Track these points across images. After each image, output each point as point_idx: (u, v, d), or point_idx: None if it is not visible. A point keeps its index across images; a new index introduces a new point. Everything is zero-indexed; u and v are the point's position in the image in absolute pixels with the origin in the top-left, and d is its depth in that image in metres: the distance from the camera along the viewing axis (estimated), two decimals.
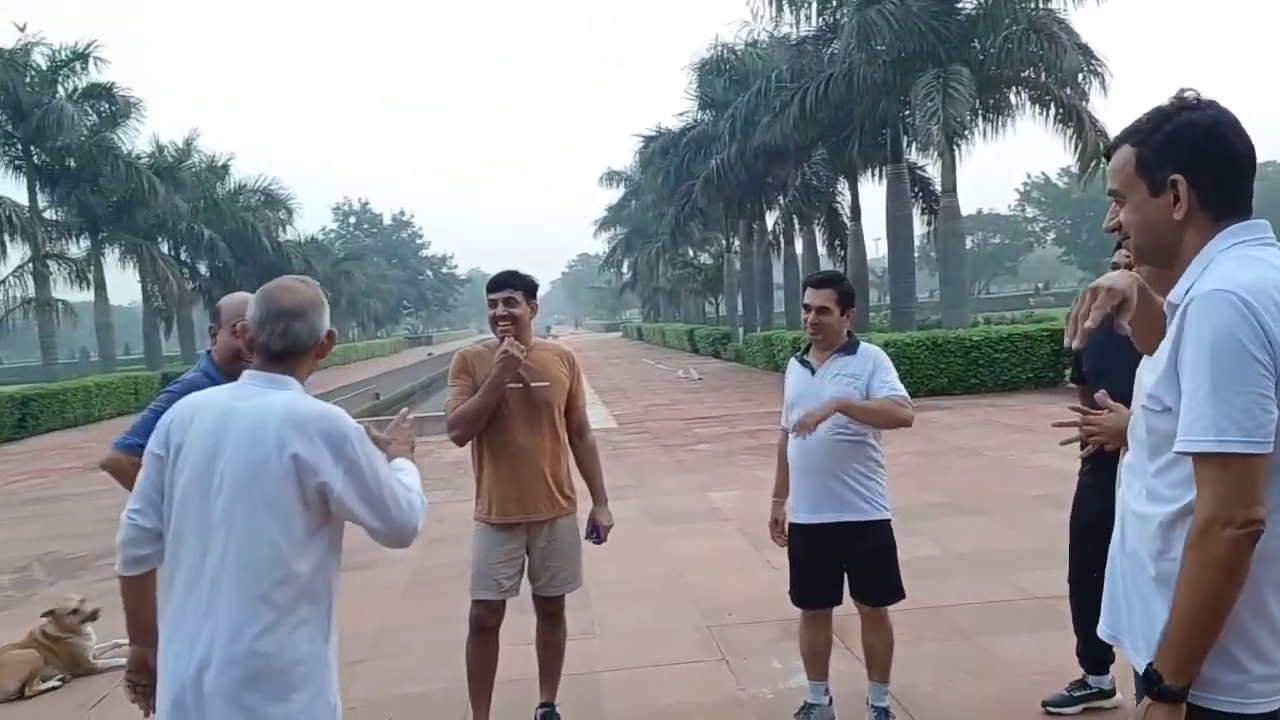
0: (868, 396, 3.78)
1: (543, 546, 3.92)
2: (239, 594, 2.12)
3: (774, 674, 4.66)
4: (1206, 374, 1.64)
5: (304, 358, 2.31)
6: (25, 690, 4.93)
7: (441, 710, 4.49)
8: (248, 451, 2.15)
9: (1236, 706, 1.70)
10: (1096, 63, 18.25)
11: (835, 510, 3.81)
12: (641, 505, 8.98)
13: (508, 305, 3.83)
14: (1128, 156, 1.87)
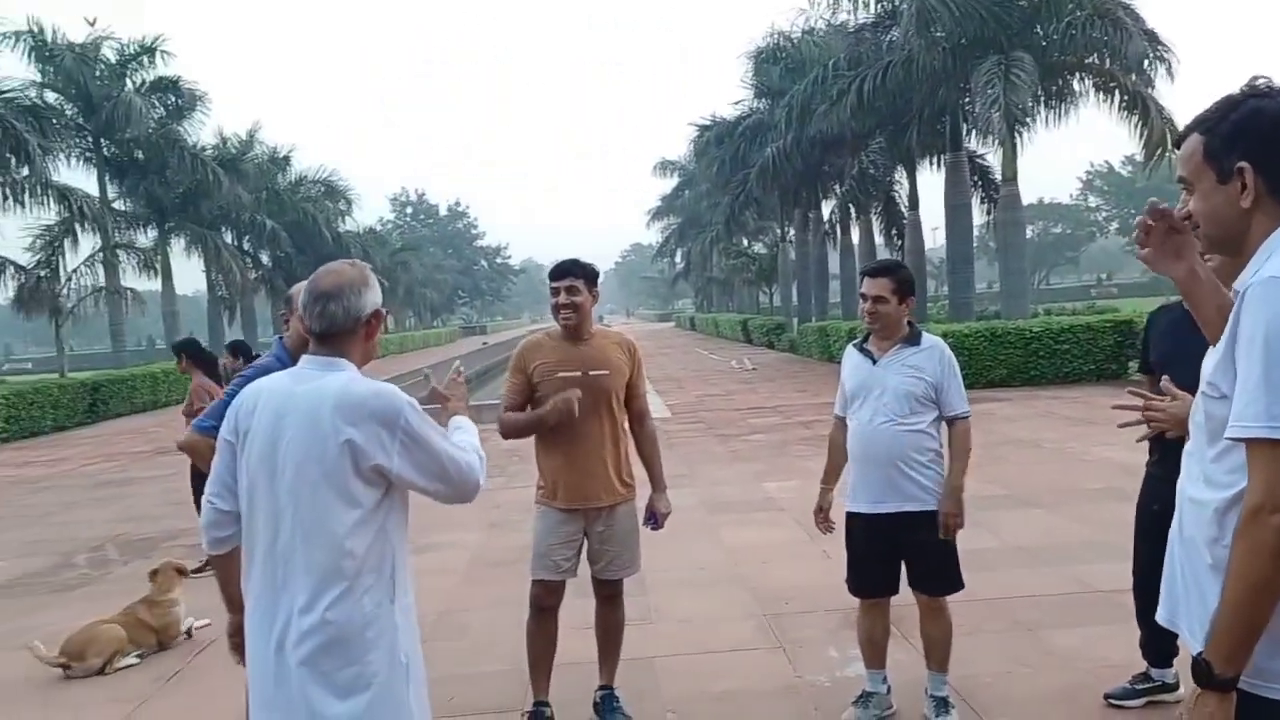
0: (937, 402, 3.83)
1: (600, 531, 3.97)
2: (309, 569, 2.23)
3: (831, 662, 4.67)
4: (1260, 360, 1.62)
5: (349, 338, 2.38)
6: (106, 668, 5.12)
7: (501, 690, 4.58)
8: (306, 435, 2.25)
9: None
10: (1163, 48, 17.81)
11: (898, 500, 3.81)
12: (696, 494, 9.02)
13: (570, 293, 3.89)
14: (1195, 145, 1.86)
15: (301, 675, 2.21)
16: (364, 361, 2.44)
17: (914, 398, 3.80)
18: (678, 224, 60.65)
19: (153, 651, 5.39)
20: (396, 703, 2.28)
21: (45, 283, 24.39)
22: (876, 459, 3.83)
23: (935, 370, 3.83)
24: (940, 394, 3.83)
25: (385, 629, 2.27)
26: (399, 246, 65.06)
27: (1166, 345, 3.71)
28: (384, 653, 2.26)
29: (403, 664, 2.31)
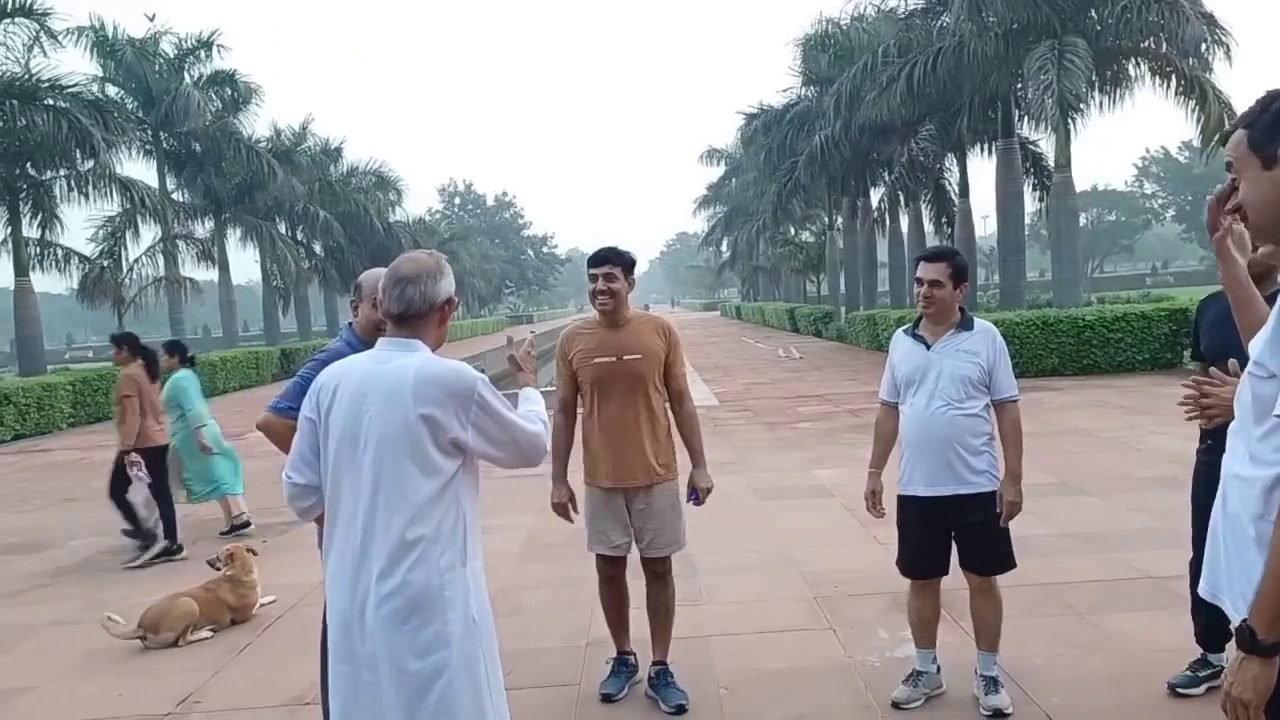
0: (990, 389, 3.90)
1: (641, 509, 4.11)
2: (390, 535, 2.41)
3: (881, 643, 4.74)
4: None
5: (425, 321, 2.57)
6: (179, 640, 5.35)
7: (558, 665, 4.71)
8: (388, 411, 2.43)
9: None
10: (1220, 32, 17.44)
11: (953, 484, 3.87)
12: (745, 481, 9.09)
13: (607, 280, 4.03)
14: (1240, 138, 1.93)
15: (385, 634, 2.38)
16: (437, 344, 2.62)
17: (969, 382, 3.86)
18: (724, 213, 60.44)
19: (224, 627, 5.61)
20: (472, 659, 2.44)
21: (108, 272, 25.07)
22: (934, 443, 3.89)
23: (989, 353, 3.89)
24: (993, 377, 3.89)
25: (459, 590, 2.44)
26: (447, 236, 65.64)
27: (1217, 333, 3.72)
28: (459, 612, 2.42)
29: (476, 622, 2.47)
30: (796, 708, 4.09)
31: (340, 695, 2.49)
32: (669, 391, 4.20)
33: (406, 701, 2.39)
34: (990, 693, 3.93)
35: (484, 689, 2.48)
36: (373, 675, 2.42)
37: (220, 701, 4.56)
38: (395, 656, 2.38)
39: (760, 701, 4.17)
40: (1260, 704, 1.75)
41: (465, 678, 2.43)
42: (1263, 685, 1.74)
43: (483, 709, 2.46)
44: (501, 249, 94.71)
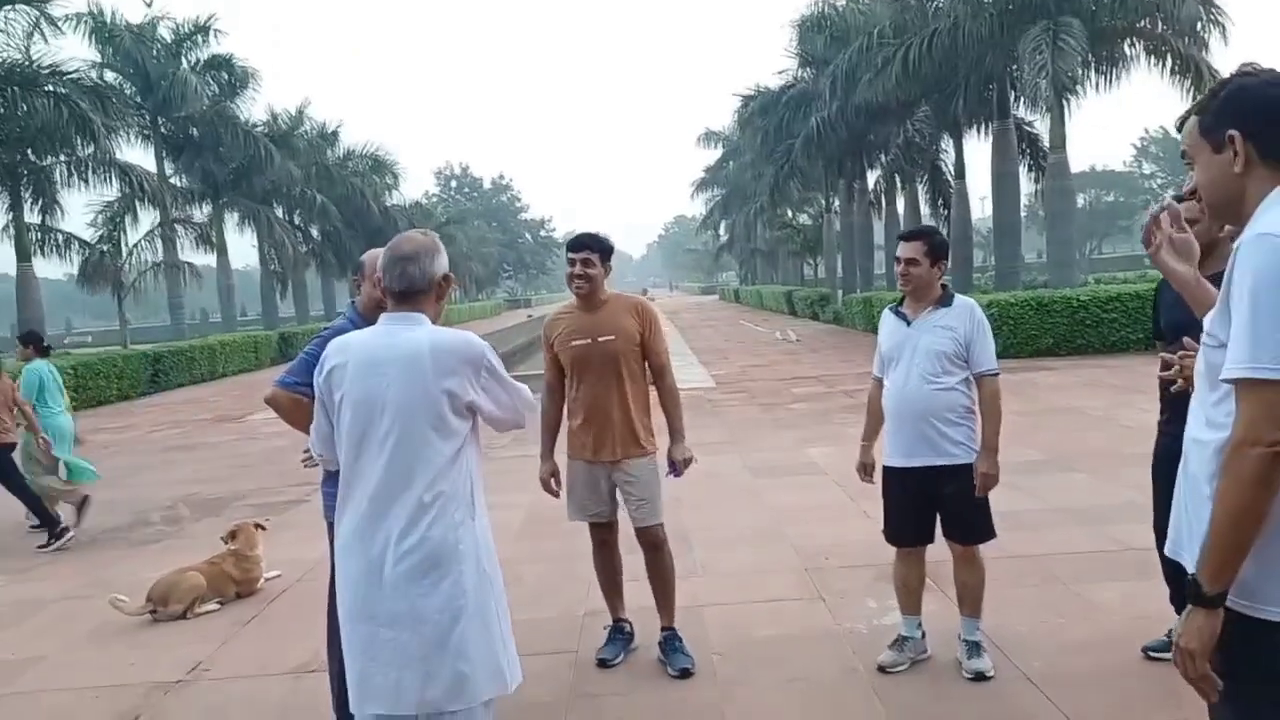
0: (965, 355, 4.00)
1: (623, 482, 4.29)
2: (409, 496, 2.57)
3: (869, 612, 4.89)
4: (1248, 309, 1.79)
5: (424, 297, 2.73)
6: (187, 613, 5.49)
7: (558, 634, 4.85)
8: (407, 379, 2.59)
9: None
10: (1216, 11, 17.47)
11: (930, 455, 4.00)
12: (740, 460, 9.24)
13: (584, 266, 4.19)
14: (1193, 124, 2.07)
15: (405, 589, 2.54)
16: (435, 319, 2.77)
17: (946, 356, 3.98)
18: (721, 195, 60.47)
19: (230, 600, 5.76)
20: (485, 607, 2.63)
21: (108, 257, 25.16)
22: (911, 416, 4.02)
23: (966, 328, 4.00)
24: (970, 351, 4.00)
25: (471, 544, 2.62)
26: (444, 220, 65.61)
27: (1175, 314, 3.85)
28: (472, 564, 2.60)
29: (487, 574, 2.65)
30: (786, 672, 4.23)
31: (359, 654, 2.62)
32: (650, 368, 4.35)
33: (426, 652, 2.54)
34: (973, 657, 4.07)
35: (496, 635, 2.67)
36: (391, 631, 2.56)
37: (228, 669, 4.71)
38: (415, 610, 2.54)
39: (751, 666, 4.32)
40: (1204, 653, 1.86)
41: (479, 625, 2.61)
42: (1207, 635, 1.86)
43: (495, 654, 2.65)
44: (499, 232, 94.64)
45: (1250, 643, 1.87)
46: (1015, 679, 3.99)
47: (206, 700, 4.35)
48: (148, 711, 4.26)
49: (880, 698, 3.91)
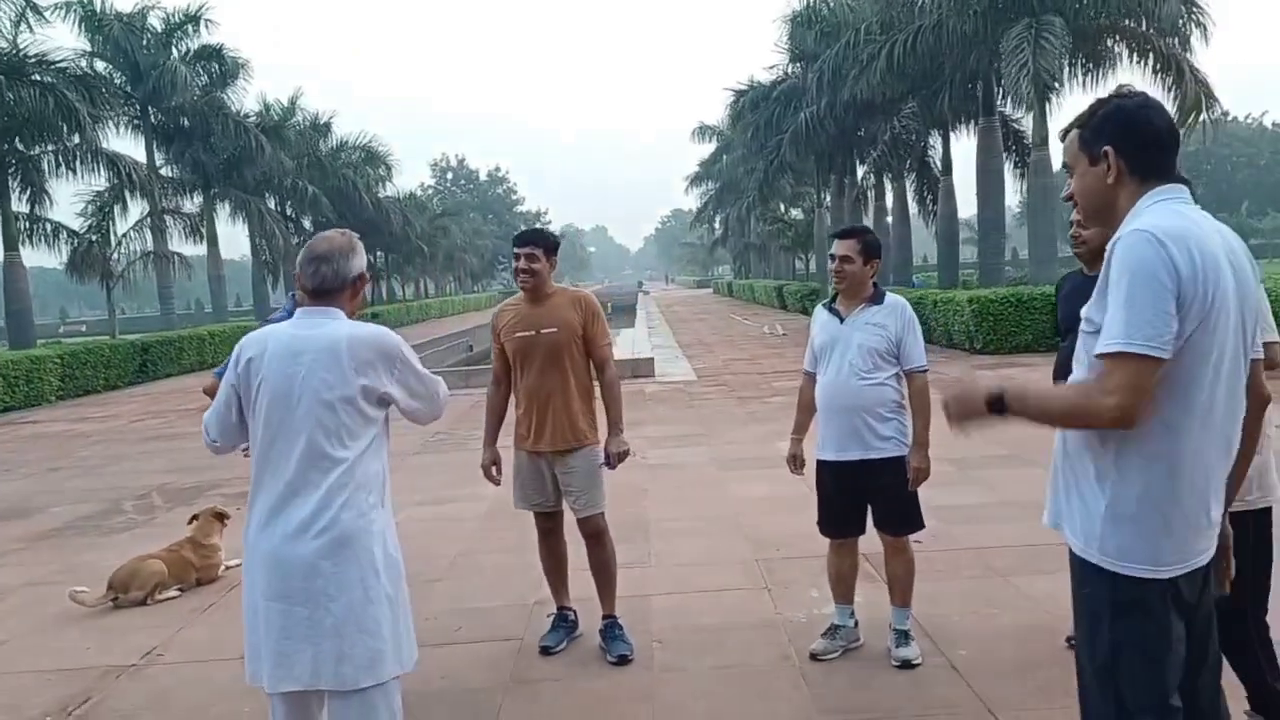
0: (896, 351, 4.11)
1: (563, 473, 4.40)
2: (322, 481, 2.71)
3: (810, 601, 5.00)
4: (1124, 293, 2.00)
5: (338, 295, 2.86)
6: (148, 599, 5.60)
7: (505, 622, 4.96)
8: (324, 370, 2.72)
9: (1144, 572, 2.10)
10: (1198, 11, 17.57)
11: (861, 449, 4.12)
12: (710, 452, 9.37)
13: (529, 260, 4.31)
14: (1074, 137, 2.28)
15: (321, 567, 2.68)
16: (351, 316, 2.90)
17: (877, 353, 4.09)
18: (715, 189, 60.52)
19: (191, 587, 5.87)
20: (393, 588, 2.78)
21: (97, 247, 25.22)
22: (842, 410, 4.14)
23: (897, 325, 4.11)
24: (901, 348, 4.12)
25: (380, 529, 2.77)
26: (439, 212, 65.65)
27: (1069, 308, 3.99)
28: (381, 548, 2.75)
29: (394, 558, 2.81)
30: (721, 659, 4.35)
31: (274, 631, 2.73)
32: (592, 361, 4.45)
33: (337, 629, 2.67)
34: (901, 645, 4.19)
35: (401, 616, 2.81)
36: (305, 610, 2.68)
37: (182, 654, 4.82)
38: (329, 590, 2.67)
39: (689, 653, 4.44)
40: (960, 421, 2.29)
41: (388, 605, 2.75)
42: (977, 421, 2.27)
43: (400, 634, 2.80)
44: (494, 225, 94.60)
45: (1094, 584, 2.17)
46: (941, 666, 4.12)
47: (156, 683, 4.46)
48: (98, 693, 4.38)
49: (808, 683, 4.03)
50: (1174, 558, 2.10)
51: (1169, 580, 2.11)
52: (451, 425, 12.38)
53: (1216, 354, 2.05)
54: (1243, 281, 2.12)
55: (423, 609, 5.23)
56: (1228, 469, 2.20)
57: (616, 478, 7.90)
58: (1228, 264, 2.08)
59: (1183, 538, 2.11)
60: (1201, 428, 2.07)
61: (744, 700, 3.93)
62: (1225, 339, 2.07)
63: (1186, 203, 2.14)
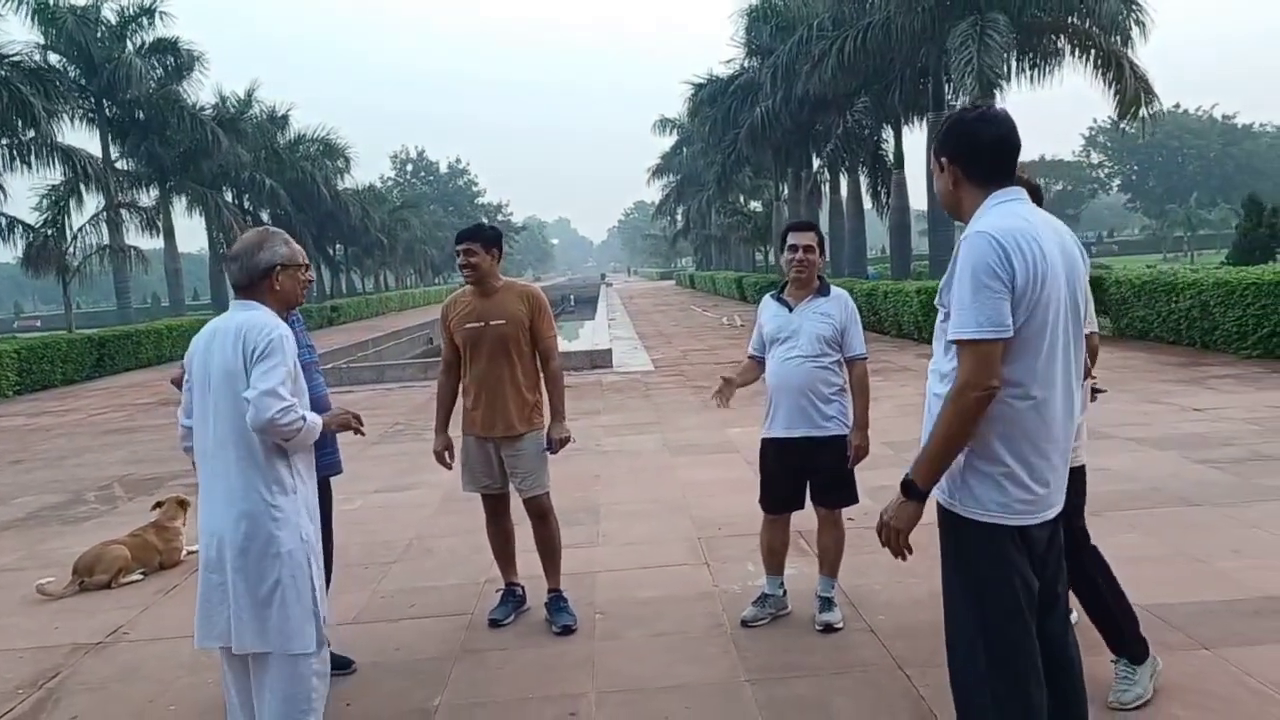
0: (840, 339, 4.45)
1: (510, 456, 4.68)
2: (231, 464, 2.99)
3: (746, 574, 5.32)
4: (967, 287, 2.37)
5: (255, 289, 3.12)
6: (112, 583, 5.81)
7: (456, 599, 5.23)
8: (222, 357, 3.01)
9: (998, 519, 2.46)
10: (1137, 9, 18.11)
11: (806, 427, 4.45)
12: (662, 439, 9.68)
13: (467, 255, 4.58)
14: (933, 149, 2.65)
15: (238, 548, 2.97)
16: (281, 306, 3.18)
17: (824, 340, 4.43)
18: (676, 182, 60.79)
19: (154, 570, 6.08)
20: (303, 568, 3.04)
21: (52, 241, 25.02)
22: (792, 391, 4.46)
23: (842, 316, 4.45)
24: (844, 337, 4.45)
25: (290, 511, 3.01)
26: (398, 204, 65.35)
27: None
28: (290, 530, 3.01)
29: (305, 541, 3.05)
30: (658, 627, 4.66)
31: (205, 600, 3.07)
32: (538, 352, 4.72)
33: (255, 605, 2.98)
34: (824, 611, 4.53)
35: (309, 597, 3.06)
36: (218, 577, 3.01)
37: (146, 633, 5.04)
38: (246, 567, 2.97)
39: (628, 623, 4.74)
40: (908, 532, 2.53)
41: (296, 586, 3.02)
42: (913, 519, 2.51)
43: (310, 614, 3.07)
44: (455, 216, 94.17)
45: (956, 531, 2.53)
46: (861, 630, 4.46)
47: (122, 659, 4.69)
48: (67, 669, 4.60)
49: (737, 648, 4.35)
50: (1024, 506, 2.45)
51: (1019, 528, 2.46)
52: (410, 416, 12.63)
53: (1051, 328, 2.42)
54: (1072, 267, 2.50)
55: (377, 588, 5.55)
56: (1073, 429, 2.55)
57: (571, 464, 8.28)
58: (1059, 253, 2.45)
59: (1031, 490, 2.45)
60: (1044, 390, 2.43)
61: (676, 664, 4.23)
62: (1059, 315, 2.44)
63: (1021, 203, 2.50)
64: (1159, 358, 13.12)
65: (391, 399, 14.63)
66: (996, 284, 2.32)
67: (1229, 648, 3.96)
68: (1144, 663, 3.57)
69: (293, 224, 38.90)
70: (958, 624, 2.58)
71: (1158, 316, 14.61)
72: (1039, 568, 2.54)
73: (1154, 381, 11.07)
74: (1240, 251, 20.16)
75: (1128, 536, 5.55)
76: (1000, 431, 2.42)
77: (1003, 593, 2.47)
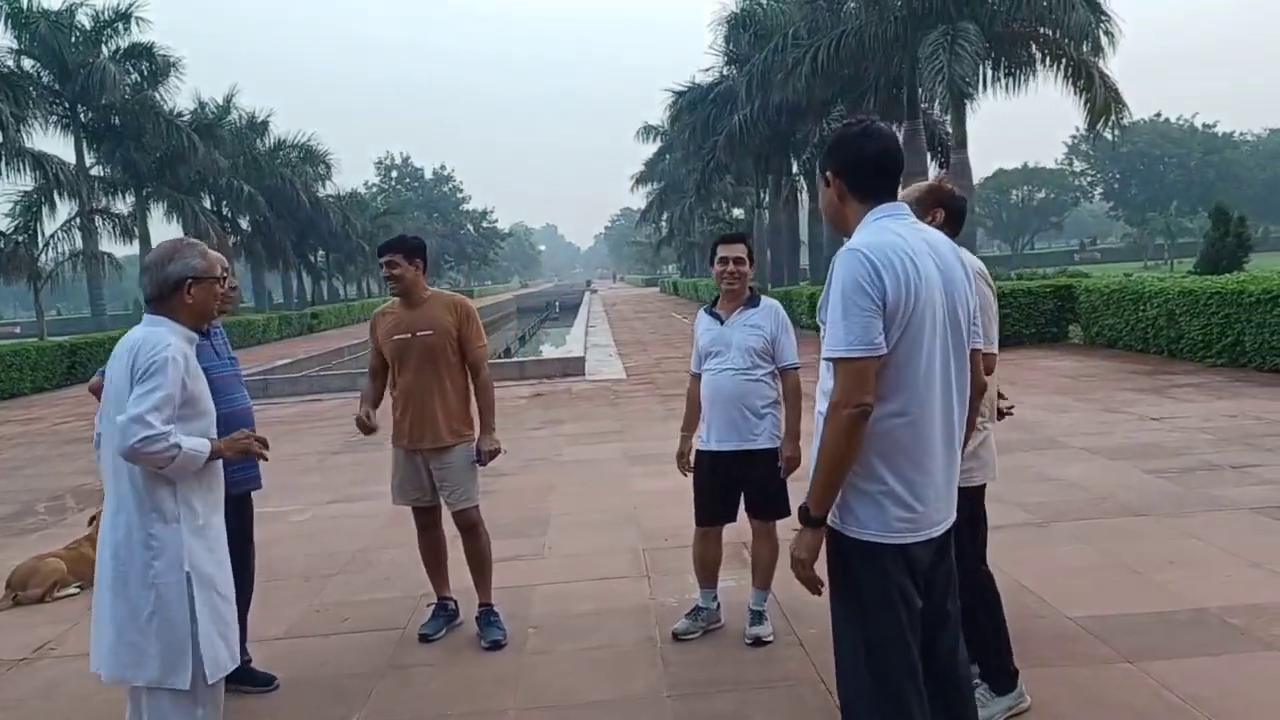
0: (772, 350, 4.41)
1: (438, 469, 4.62)
2: (119, 482, 2.91)
3: (685, 587, 5.26)
4: (839, 306, 2.34)
5: (167, 302, 3.01)
6: (46, 597, 5.72)
7: (391, 613, 5.17)
8: (117, 371, 2.93)
9: (878, 538, 2.41)
10: (1106, 20, 18.22)
11: (738, 440, 4.42)
12: (622, 448, 9.63)
13: (390, 267, 4.55)
14: (819, 163, 2.61)
15: (111, 568, 2.91)
16: (195, 319, 3.08)
17: (755, 352, 4.39)
18: (660, 189, 60.81)
19: (90, 585, 5.98)
20: (179, 602, 2.88)
21: (23, 248, 24.80)
22: (724, 404, 4.42)
23: (772, 326, 4.42)
24: (775, 347, 4.41)
25: (169, 541, 2.87)
26: (382, 210, 65.19)
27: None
28: (167, 562, 2.87)
29: (185, 572, 2.89)
30: (590, 641, 4.62)
31: (95, 621, 3.02)
32: (467, 363, 4.67)
33: (123, 630, 2.88)
34: (755, 624, 4.50)
35: (185, 632, 2.88)
36: (107, 606, 2.94)
37: (74, 648, 4.95)
38: (116, 593, 2.90)
39: (560, 637, 4.69)
40: (812, 561, 2.45)
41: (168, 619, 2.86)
42: (815, 546, 2.44)
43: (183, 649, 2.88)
44: (440, 223, 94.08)
45: (838, 549, 2.47)
46: (790, 644, 4.42)
47: (45, 675, 4.63)
48: None
49: (665, 662, 4.31)
50: (904, 525, 2.41)
51: (900, 546, 2.42)
52: None
53: (928, 345, 2.39)
54: (951, 281, 2.47)
55: (314, 601, 5.49)
56: (957, 446, 2.51)
57: (527, 475, 8.21)
58: (935, 270, 2.42)
59: (912, 508, 2.42)
60: (921, 407, 2.39)
61: (601, 680, 4.19)
62: (935, 331, 2.40)
63: (896, 219, 2.46)
64: (1125, 366, 13.16)
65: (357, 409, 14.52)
66: (866, 301, 2.29)
67: (1153, 660, 3.95)
68: (1006, 695, 3.55)
69: (272, 230, 38.81)
70: (843, 646, 2.55)
71: (1126, 325, 14.66)
72: (925, 587, 2.51)
73: (1117, 390, 11.10)
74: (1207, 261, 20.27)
75: (1070, 547, 5.55)
76: (878, 449, 2.38)
77: (883, 613, 2.43)
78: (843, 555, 2.48)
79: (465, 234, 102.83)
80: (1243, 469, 7.05)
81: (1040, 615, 4.51)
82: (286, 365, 20.65)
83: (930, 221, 3.39)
